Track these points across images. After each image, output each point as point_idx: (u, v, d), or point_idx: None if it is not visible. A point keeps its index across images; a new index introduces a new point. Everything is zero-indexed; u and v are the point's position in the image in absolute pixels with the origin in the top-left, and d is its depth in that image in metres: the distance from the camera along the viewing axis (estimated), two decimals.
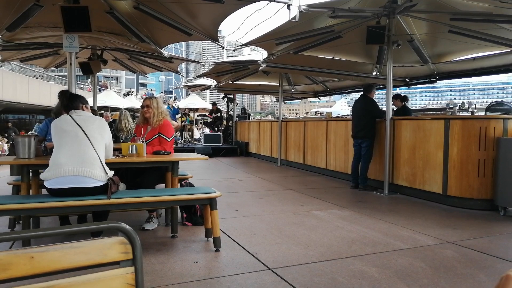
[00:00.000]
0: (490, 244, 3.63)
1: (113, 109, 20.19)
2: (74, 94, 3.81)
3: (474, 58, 7.35)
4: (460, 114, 9.50)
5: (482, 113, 9.05)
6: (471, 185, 5.05)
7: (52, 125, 3.17)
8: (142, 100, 4.63)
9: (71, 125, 3.11)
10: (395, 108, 7.47)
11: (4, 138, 18.14)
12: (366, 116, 6.43)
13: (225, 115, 16.86)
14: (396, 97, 7.56)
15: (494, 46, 6.52)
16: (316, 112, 35.33)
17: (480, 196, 5.01)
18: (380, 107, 6.73)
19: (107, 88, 31.27)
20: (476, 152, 5.02)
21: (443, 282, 2.72)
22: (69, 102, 3.40)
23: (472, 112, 10.76)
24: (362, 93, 6.80)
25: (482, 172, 4.99)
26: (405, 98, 7.65)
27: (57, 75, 31.15)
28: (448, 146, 5.26)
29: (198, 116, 22.30)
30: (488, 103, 8.36)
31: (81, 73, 7.84)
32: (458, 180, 5.16)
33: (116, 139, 5.69)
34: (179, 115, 17.21)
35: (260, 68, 8.42)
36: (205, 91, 16.19)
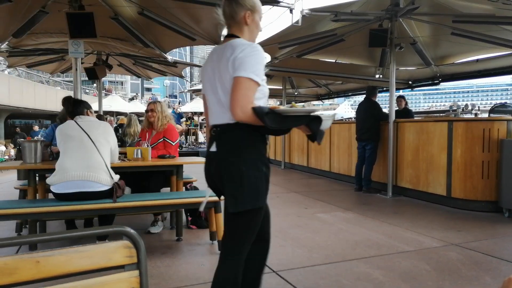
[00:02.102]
0: (495, 246, 3.62)
1: (118, 113, 20.32)
2: (77, 100, 3.86)
3: (477, 60, 7.34)
4: (464, 116, 9.45)
5: (486, 115, 9.01)
6: (475, 187, 5.04)
7: (57, 131, 3.21)
8: (147, 104, 4.67)
9: (76, 130, 3.15)
10: (397, 108, 7.48)
11: (11, 144, 18.27)
12: (370, 119, 6.44)
13: None
14: (401, 97, 7.60)
15: (497, 48, 6.50)
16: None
17: (484, 198, 4.99)
18: (384, 109, 6.74)
19: (112, 92, 31.49)
20: (480, 154, 5.00)
21: (448, 285, 2.71)
22: (74, 108, 3.45)
23: (475, 114, 10.72)
24: (365, 96, 6.81)
25: (486, 174, 4.98)
26: None
27: (63, 80, 31.41)
28: (452, 148, 5.25)
29: (202, 120, 22.35)
30: (492, 105, 8.32)
31: (86, 78, 7.91)
32: (462, 182, 5.14)
33: (122, 143, 5.72)
34: (184, 119, 17.26)
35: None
36: None
